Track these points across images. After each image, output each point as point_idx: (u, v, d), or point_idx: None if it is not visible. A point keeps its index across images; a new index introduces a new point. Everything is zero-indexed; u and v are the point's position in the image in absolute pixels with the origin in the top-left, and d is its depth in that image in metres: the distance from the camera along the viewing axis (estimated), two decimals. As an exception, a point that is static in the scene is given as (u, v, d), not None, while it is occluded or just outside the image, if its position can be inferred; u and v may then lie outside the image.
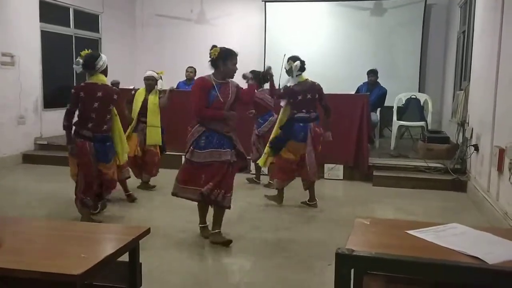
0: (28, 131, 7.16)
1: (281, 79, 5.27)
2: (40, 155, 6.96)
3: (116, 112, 4.06)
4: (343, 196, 5.64)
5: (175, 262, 3.30)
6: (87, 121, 3.81)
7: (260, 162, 4.83)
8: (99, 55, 3.94)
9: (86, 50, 4.04)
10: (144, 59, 9.69)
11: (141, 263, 1.81)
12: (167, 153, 5.42)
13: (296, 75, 4.52)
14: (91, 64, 3.85)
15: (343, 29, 9.20)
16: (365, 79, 7.57)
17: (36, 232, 1.66)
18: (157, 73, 5.26)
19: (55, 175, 5.96)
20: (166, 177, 4.66)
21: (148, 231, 1.78)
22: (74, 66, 4.05)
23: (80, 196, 3.91)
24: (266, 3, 9.45)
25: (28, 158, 6.93)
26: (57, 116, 7.83)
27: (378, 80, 7.46)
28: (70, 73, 8.39)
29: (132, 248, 1.69)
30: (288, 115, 4.59)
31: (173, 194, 3.64)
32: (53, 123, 7.68)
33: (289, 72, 4.58)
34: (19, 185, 5.58)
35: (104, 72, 3.91)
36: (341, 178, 6.09)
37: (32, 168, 6.62)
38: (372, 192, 5.53)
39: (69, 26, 8.25)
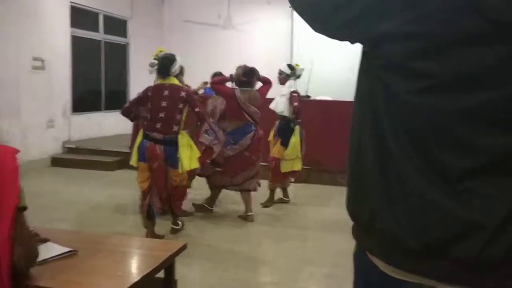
0: (56, 135, 7.23)
1: (309, 85, 5.17)
2: (68, 159, 7.01)
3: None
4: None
5: (213, 276, 3.21)
6: (156, 122, 3.52)
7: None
8: (174, 59, 3.68)
9: (160, 48, 3.82)
10: (170, 64, 9.72)
11: (176, 280, 1.71)
12: None
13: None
14: (165, 69, 3.65)
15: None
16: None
17: (66, 245, 1.55)
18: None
19: (83, 178, 5.97)
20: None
21: (184, 247, 1.68)
22: (148, 67, 3.79)
23: (146, 205, 3.57)
24: (294, 8, 9.35)
25: (56, 161, 6.99)
26: (85, 120, 7.93)
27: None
28: (98, 77, 8.48)
29: (168, 265, 1.59)
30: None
31: None
32: (81, 126, 7.76)
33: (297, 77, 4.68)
34: (47, 188, 5.59)
35: (178, 76, 3.74)
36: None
37: (60, 171, 6.66)
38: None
39: (98, 31, 8.34)
